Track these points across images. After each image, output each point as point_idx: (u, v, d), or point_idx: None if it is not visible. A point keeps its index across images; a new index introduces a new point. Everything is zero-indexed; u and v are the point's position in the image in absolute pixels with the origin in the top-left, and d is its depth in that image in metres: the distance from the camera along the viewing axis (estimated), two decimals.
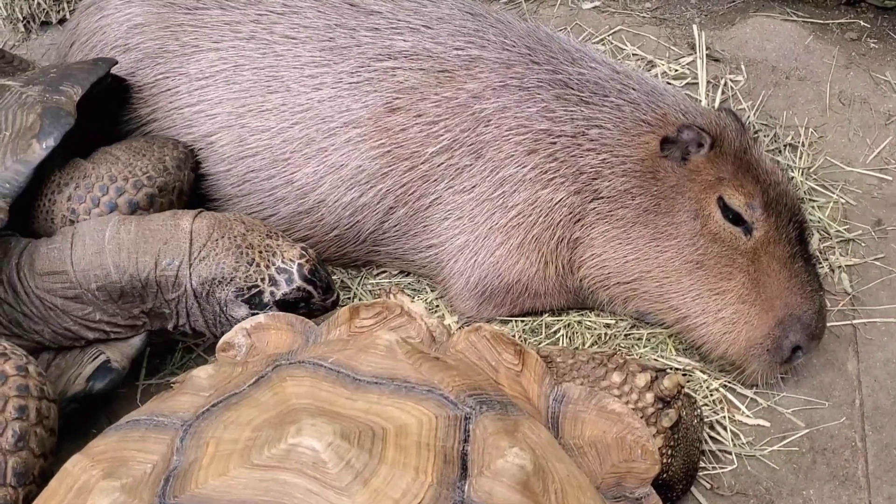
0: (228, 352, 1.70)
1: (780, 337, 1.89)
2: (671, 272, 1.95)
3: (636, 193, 1.96)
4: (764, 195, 1.91)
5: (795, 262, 1.91)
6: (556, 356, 1.75)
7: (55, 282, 1.79)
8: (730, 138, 1.96)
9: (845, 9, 2.74)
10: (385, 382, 1.35)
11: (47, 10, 2.83)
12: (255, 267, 1.79)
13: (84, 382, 1.83)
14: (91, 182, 1.88)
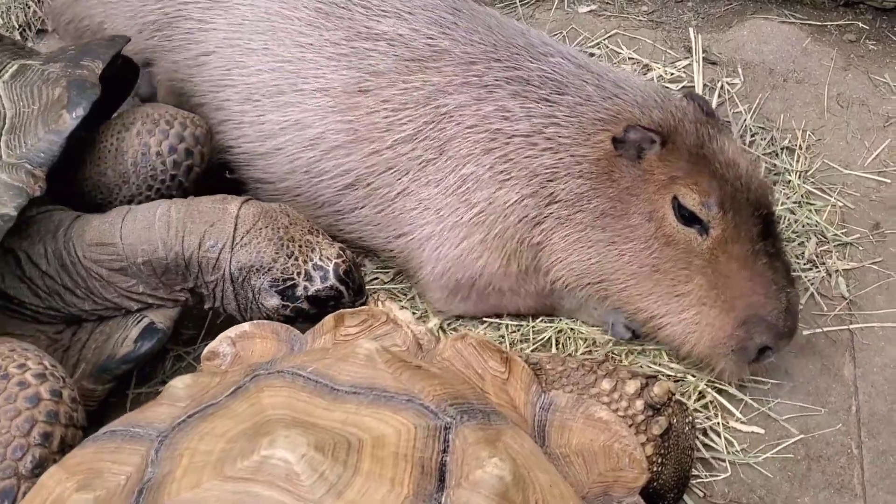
0: (214, 360, 1.69)
1: (744, 338, 1.84)
2: (631, 275, 1.91)
3: (592, 196, 1.92)
4: (720, 191, 1.83)
5: (757, 260, 1.83)
6: (545, 363, 1.73)
7: (102, 253, 1.83)
8: (684, 133, 1.88)
9: (843, 10, 2.71)
10: (364, 392, 1.33)
11: (43, 18, 2.83)
12: (294, 260, 1.83)
13: (132, 344, 1.88)
14: (156, 118, 2.00)
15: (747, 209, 1.84)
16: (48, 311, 1.84)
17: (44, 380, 1.53)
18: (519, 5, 2.75)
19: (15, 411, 1.48)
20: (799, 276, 2.16)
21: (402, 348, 1.63)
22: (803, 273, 2.17)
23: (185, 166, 2.01)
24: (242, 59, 2.13)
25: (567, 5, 2.75)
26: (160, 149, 1.98)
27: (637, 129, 1.86)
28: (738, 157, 1.89)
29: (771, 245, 1.86)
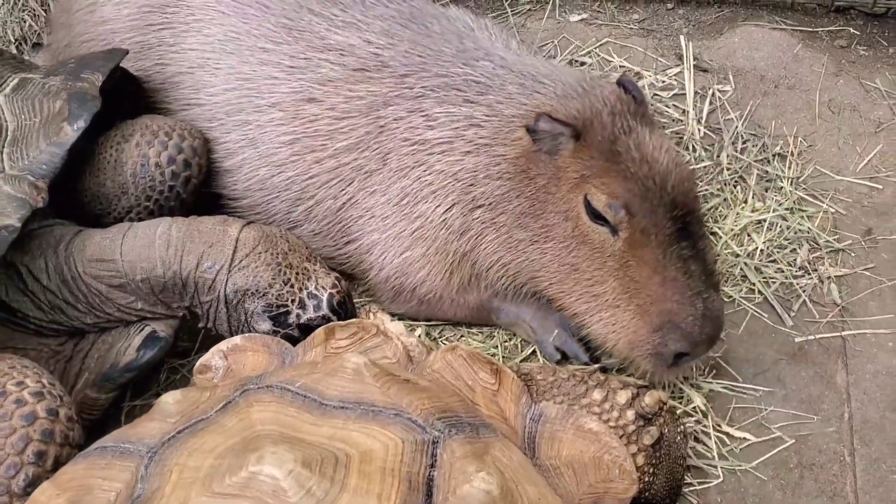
0: (206, 374, 1.70)
1: (659, 343, 1.77)
2: (554, 273, 1.87)
3: (512, 196, 1.89)
4: (628, 192, 1.74)
5: (670, 265, 1.74)
6: (536, 373, 1.73)
7: (103, 269, 1.84)
8: (599, 127, 1.80)
9: (834, 16, 2.71)
10: (352, 407, 1.34)
11: (38, 31, 2.85)
12: (289, 287, 1.84)
13: (135, 352, 1.89)
14: (155, 130, 2.02)
15: (661, 210, 1.75)
16: (51, 324, 1.86)
17: (41, 398, 1.54)
18: (510, 15, 2.75)
19: (10, 429, 1.49)
20: (791, 283, 2.17)
21: (392, 360, 1.64)
22: (795, 280, 2.17)
23: (184, 177, 2.02)
24: (210, 78, 2.15)
25: (558, 14, 2.76)
26: (159, 160, 2.00)
27: (546, 118, 1.80)
28: (657, 153, 1.79)
29: (688, 248, 1.77)
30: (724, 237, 2.22)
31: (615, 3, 2.79)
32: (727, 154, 2.39)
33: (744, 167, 2.37)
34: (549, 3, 2.77)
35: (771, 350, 2.08)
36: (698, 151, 2.40)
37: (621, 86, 1.90)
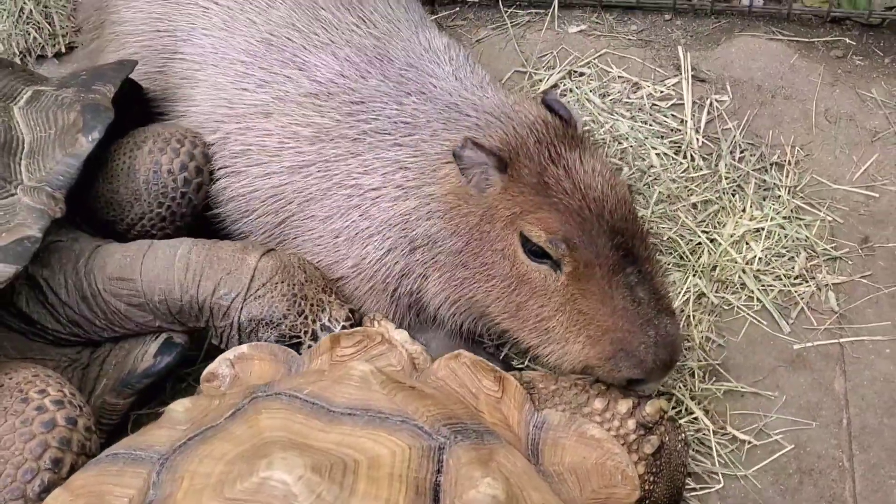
0: (213, 382, 1.72)
1: (612, 370, 1.72)
2: (501, 312, 1.83)
3: (446, 235, 1.85)
4: (566, 225, 1.69)
5: (617, 295, 1.69)
6: (538, 382, 1.76)
7: (122, 287, 1.86)
8: (526, 158, 1.75)
9: (830, 27, 2.75)
10: (359, 413, 1.36)
11: (43, 44, 2.87)
12: (303, 319, 1.85)
13: (152, 358, 1.91)
14: (167, 137, 2.05)
15: (602, 240, 1.70)
16: (69, 336, 1.88)
17: (61, 406, 1.56)
18: (510, 27, 2.78)
19: (30, 434, 1.51)
20: (789, 291, 2.19)
21: (397, 368, 1.66)
22: (793, 287, 2.20)
23: (196, 183, 2.05)
24: (192, 90, 2.17)
25: (557, 26, 2.79)
26: (171, 167, 2.02)
27: (471, 144, 1.74)
28: (589, 178, 1.74)
29: (634, 273, 1.72)
30: (723, 245, 2.25)
31: (614, 14, 2.83)
32: (725, 163, 2.42)
33: (742, 176, 2.40)
34: (548, 15, 2.80)
35: (770, 357, 2.10)
36: (696, 160, 2.43)
37: (547, 107, 1.86)
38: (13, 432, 1.51)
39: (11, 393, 1.57)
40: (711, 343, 2.12)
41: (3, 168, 1.82)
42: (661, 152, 2.45)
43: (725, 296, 2.18)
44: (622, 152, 2.45)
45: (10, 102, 2.00)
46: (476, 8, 2.89)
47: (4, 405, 1.56)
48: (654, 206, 2.33)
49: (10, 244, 1.67)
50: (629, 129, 2.50)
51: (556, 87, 2.63)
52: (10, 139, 1.88)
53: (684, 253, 2.23)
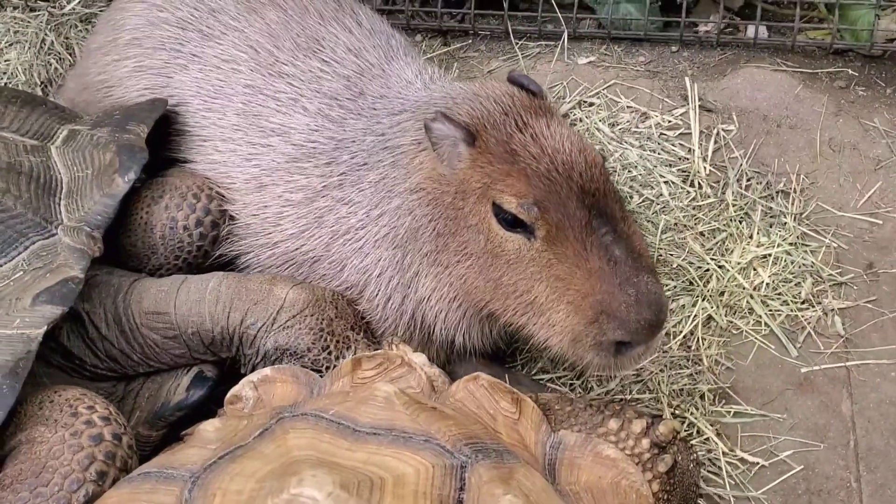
0: (236, 404, 1.77)
1: (597, 334, 1.71)
2: (483, 291, 1.83)
3: (426, 222, 1.86)
4: (535, 188, 1.69)
5: (591, 257, 1.68)
6: (553, 404, 1.80)
7: (158, 321, 1.92)
8: (493, 129, 1.76)
9: (833, 58, 2.82)
10: (383, 433, 1.41)
11: (64, 74, 2.94)
12: (326, 354, 1.90)
13: (184, 392, 1.95)
14: (184, 192, 2.10)
15: (572, 201, 1.69)
16: (107, 371, 1.92)
17: (108, 423, 1.62)
18: (521, 58, 2.86)
19: (78, 447, 1.57)
20: (796, 315, 2.24)
21: (417, 390, 1.71)
22: (800, 312, 2.25)
23: (211, 237, 2.11)
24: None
25: (567, 57, 2.86)
26: (187, 223, 2.08)
27: (442, 117, 1.76)
28: (556, 143, 1.73)
29: (609, 233, 1.71)
30: (731, 271, 2.30)
31: (622, 46, 2.90)
32: (732, 191, 2.47)
33: (749, 203, 2.45)
34: (557, 47, 2.87)
35: (778, 380, 2.15)
36: (704, 188, 2.49)
37: (514, 83, 1.86)
38: (63, 443, 1.56)
39: (62, 407, 1.63)
40: (721, 366, 2.16)
41: (45, 208, 1.88)
42: (670, 180, 2.51)
43: (734, 320, 2.23)
44: (631, 180, 2.51)
45: (48, 142, 2.07)
46: (487, 40, 2.96)
47: (55, 417, 1.61)
48: (662, 234, 2.39)
49: (56, 285, 1.73)
50: (638, 157, 2.56)
51: (566, 116, 2.69)
52: (50, 179, 1.95)
53: (693, 279, 2.29)
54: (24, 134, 2.08)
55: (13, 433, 1.63)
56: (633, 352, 1.76)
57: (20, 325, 1.66)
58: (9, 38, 3.00)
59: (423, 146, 1.87)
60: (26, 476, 1.54)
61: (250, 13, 2.25)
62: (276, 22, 2.21)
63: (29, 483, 1.53)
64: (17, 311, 1.68)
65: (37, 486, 1.52)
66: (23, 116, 2.12)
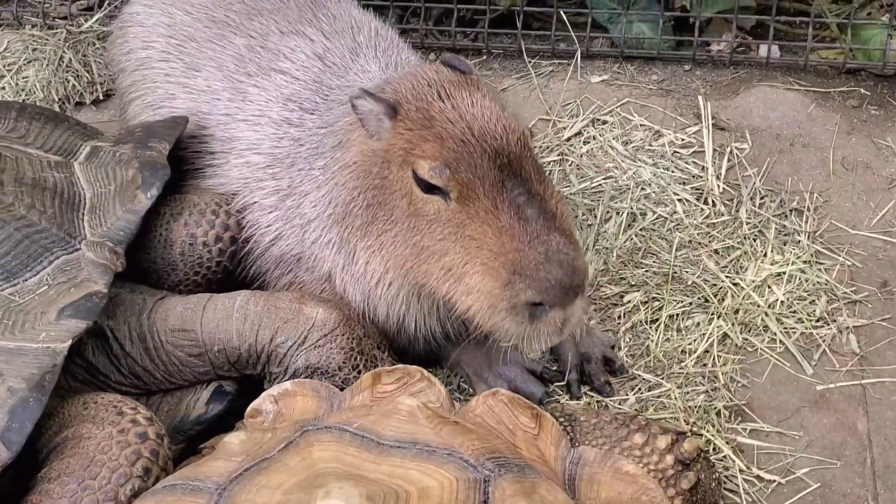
0: (256, 418, 1.78)
1: (511, 296, 1.70)
2: (409, 258, 1.86)
3: (357, 194, 1.90)
4: (447, 151, 1.72)
5: (501, 215, 1.70)
6: (579, 415, 1.81)
7: (184, 339, 1.93)
8: (413, 99, 1.81)
9: (846, 77, 2.84)
10: (407, 446, 1.42)
11: (81, 91, 2.98)
12: (356, 373, 1.90)
13: (204, 406, 1.96)
14: (202, 208, 2.11)
15: (484, 161, 1.72)
16: (131, 388, 1.93)
17: (151, 423, 1.67)
18: (534, 76, 2.88)
19: (126, 443, 1.61)
20: (811, 333, 2.25)
21: (437, 404, 1.71)
22: (815, 330, 2.25)
23: (230, 252, 2.12)
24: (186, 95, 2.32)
25: (580, 75, 2.89)
26: (206, 239, 2.09)
27: (363, 93, 1.81)
28: (475, 109, 1.77)
29: (522, 194, 1.72)
30: (746, 289, 2.31)
31: (635, 64, 2.93)
32: (746, 209, 2.49)
33: (763, 222, 2.47)
34: (570, 65, 2.90)
35: (793, 398, 2.15)
36: (718, 206, 2.50)
37: (447, 65, 1.91)
38: (110, 439, 1.61)
39: (107, 407, 1.68)
40: (736, 384, 2.17)
41: (69, 224, 1.91)
42: (684, 198, 2.52)
43: (749, 338, 2.23)
44: (645, 198, 2.53)
45: (71, 158, 2.10)
46: (501, 58, 2.99)
47: (102, 416, 1.66)
48: (676, 251, 2.40)
49: (80, 300, 1.75)
50: (652, 175, 2.58)
51: (579, 134, 2.72)
52: (73, 195, 1.98)
53: (708, 296, 2.30)
54: (49, 150, 2.11)
55: (57, 431, 1.68)
56: (549, 316, 1.73)
57: (45, 338, 1.68)
58: (27, 55, 3.04)
59: (357, 125, 1.91)
60: (74, 469, 1.57)
61: (220, 39, 2.33)
62: (243, 46, 2.29)
63: (77, 476, 1.56)
64: (43, 325, 1.71)
65: (84, 479, 1.56)
66: (46, 133, 2.16)
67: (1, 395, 1.61)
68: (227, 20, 2.35)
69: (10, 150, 2.02)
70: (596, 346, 2.16)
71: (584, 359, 2.13)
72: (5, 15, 3.20)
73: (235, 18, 2.34)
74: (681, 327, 2.26)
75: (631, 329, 2.27)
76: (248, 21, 2.33)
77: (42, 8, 3.17)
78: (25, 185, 1.93)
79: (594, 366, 2.13)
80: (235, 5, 2.38)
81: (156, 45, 2.40)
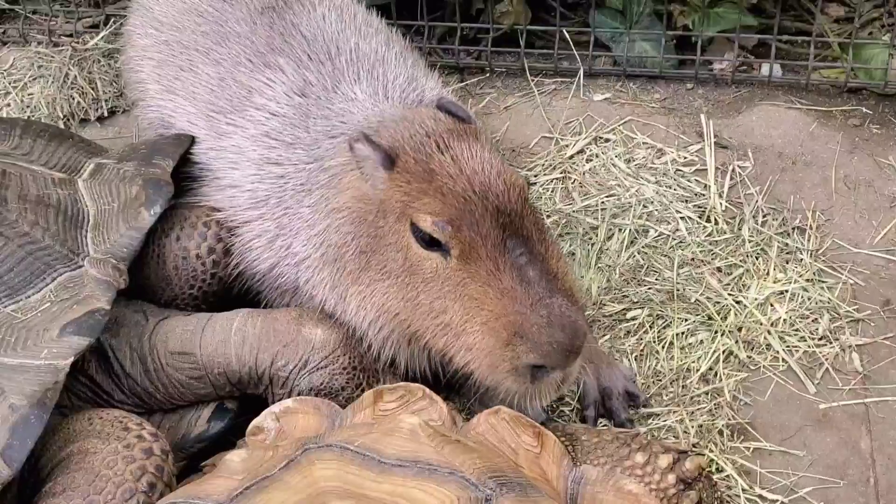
0: (258, 435, 1.77)
1: (513, 358, 1.69)
2: (403, 311, 1.82)
3: (349, 240, 1.87)
4: (450, 207, 1.70)
5: (504, 277, 1.69)
6: (580, 434, 1.80)
7: (184, 361, 1.92)
8: (411, 150, 1.77)
9: (847, 96, 2.85)
10: (409, 465, 1.42)
11: (86, 108, 2.99)
12: (360, 391, 1.90)
13: (205, 424, 1.97)
14: (193, 221, 2.09)
15: (486, 220, 1.70)
16: (132, 406, 1.93)
17: (156, 439, 1.67)
18: (537, 94, 2.89)
19: (131, 458, 1.61)
20: (814, 352, 2.24)
21: (439, 423, 1.71)
22: (818, 348, 2.25)
23: (224, 263, 2.10)
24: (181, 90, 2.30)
25: (583, 94, 2.90)
26: (199, 251, 2.08)
27: (363, 137, 1.78)
28: (475, 164, 1.75)
29: (524, 255, 1.71)
30: (749, 307, 2.31)
31: (637, 83, 2.94)
32: (749, 227, 2.49)
33: (765, 240, 2.47)
34: (573, 84, 2.91)
35: (796, 416, 2.15)
36: (720, 224, 2.50)
37: (443, 109, 1.89)
38: (116, 454, 1.61)
39: (112, 423, 1.69)
40: (739, 402, 2.16)
41: (72, 241, 1.91)
42: (686, 216, 2.52)
43: (752, 355, 2.23)
44: (648, 216, 2.53)
45: (75, 175, 2.11)
46: (504, 76, 3.01)
47: (107, 431, 1.67)
48: (679, 268, 2.40)
49: (83, 316, 1.76)
50: (654, 193, 2.58)
51: (582, 152, 2.73)
52: (77, 212, 1.98)
53: (712, 314, 2.29)
54: (53, 167, 2.11)
55: (62, 446, 1.68)
56: (550, 377, 1.73)
57: (47, 355, 1.68)
58: (33, 72, 3.05)
59: (350, 166, 1.87)
60: (79, 484, 1.58)
61: (191, 68, 2.29)
62: (215, 79, 2.23)
63: (82, 490, 1.57)
64: (45, 342, 1.71)
65: (90, 494, 1.56)
66: (51, 150, 2.16)
67: (2, 412, 1.61)
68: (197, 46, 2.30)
69: (14, 167, 2.02)
70: (618, 380, 2.11)
71: (606, 394, 2.09)
72: (11, 32, 3.22)
73: (205, 44, 2.29)
74: (684, 345, 2.26)
75: (635, 346, 2.26)
76: (217, 47, 2.28)
77: (48, 25, 3.19)
78: (29, 201, 1.94)
79: (616, 401, 2.08)
80: (204, 27, 2.32)
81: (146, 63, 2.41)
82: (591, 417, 2.07)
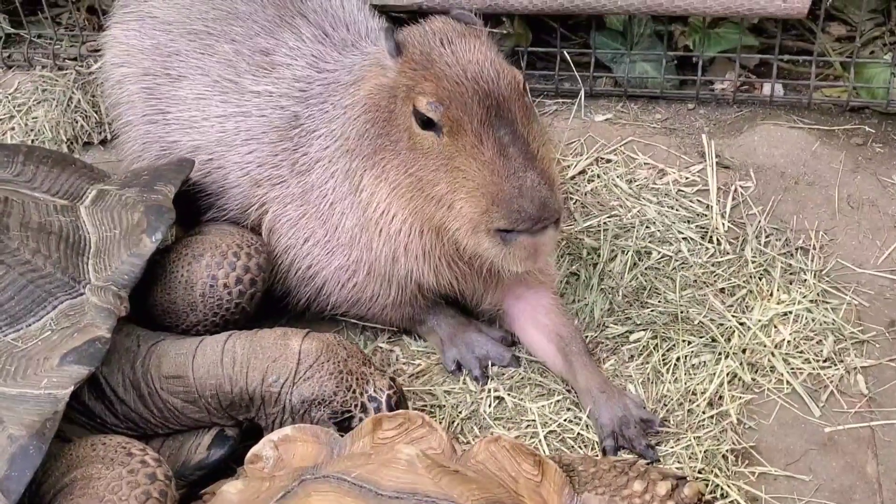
0: (256, 464, 1.77)
1: (489, 222, 1.91)
2: (409, 188, 2.03)
3: (369, 126, 2.08)
4: (442, 88, 1.91)
5: (486, 150, 1.89)
6: (577, 464, 1.79)
7: (177, 385, 1.93)
8: (418, 42, 2.00)
9: (850, 115, 2.84)
10: (406, 497, 1.41)
11: (90, 131, 3.01)
12: (351, 393, 1.91)
13: (205, 451, 1.97)
14: (224, 250, 2.13)
15: (475, 101, 1.90)
16: (126, 431, 1.93)
17: (160, 464, 1.68)
18: (539, 115, 2.89)
19: (136, 483, 1.62)
20: (818, 374, 2.23)
21: (438, 451, 1.70)
22: (822, 371, 2.23)
23: (249, 294, 2.13)
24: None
25: (584, 114, 2.90)
26: (227, 281, 2.10)
27: (389, 28, 2.04)
28: (473, 55, 1.95)
29: (507, 134, 1.90)
30: (753, 328, 2.29)
31: (638, 103, 2.94)
32: (751, 247, 2.48)
33: (768, 260, 2.46)
34: (574, 104, 2.91)
35: (801, 440, 2.13)
36: (723, 245, 2.49)
37: (455, 18, 2.08)
38: (120, 480, 1.61)
39: (116, 448, 1.69)
40: (743, 426, 2.15)
41: (73, 268, 1.92)
42: (688, 237, 2.52)
43: (756, 378, 2.21)
44: (650, 236, 2.53)
45: (77, 202, 2.12)
46: None
47: (111, 456, 1.67)
48: (682, 290, 2.39)
49: (83, 345, 1.76)
50: (656, 213, 2.58)
51: (584, 172, 2.72)
52: (79, 239, 1.99)
53: (715, 336, 2.28)
54: (55, 194, 2.12)
55: (65, 472, 1.68)
56: (519, 240, 1.92)
57: (48, 384, 1.68)
58: (37, 96, 3.07)
59: (368, 61, 2.13)
60: None
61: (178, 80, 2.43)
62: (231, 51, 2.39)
63: None
64: (45, 371, 1.71)
65: None
66: (53, 176, 2.17)
67: (1, 442, 1.61)
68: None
69: (16, 195, 2.03)
70: (632, 409, 2.12)
71: (623, 423, 2.08)
72: (16, 56, 3.24)
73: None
74: (688, 368, 2.24)
75: (640, 370, 2.25)
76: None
77: (52, 49, 3.21)
78: (31, 229, 1.94)
79: (633, 430, 2.08)
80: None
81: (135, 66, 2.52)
82: (611, 448, 2.07)
